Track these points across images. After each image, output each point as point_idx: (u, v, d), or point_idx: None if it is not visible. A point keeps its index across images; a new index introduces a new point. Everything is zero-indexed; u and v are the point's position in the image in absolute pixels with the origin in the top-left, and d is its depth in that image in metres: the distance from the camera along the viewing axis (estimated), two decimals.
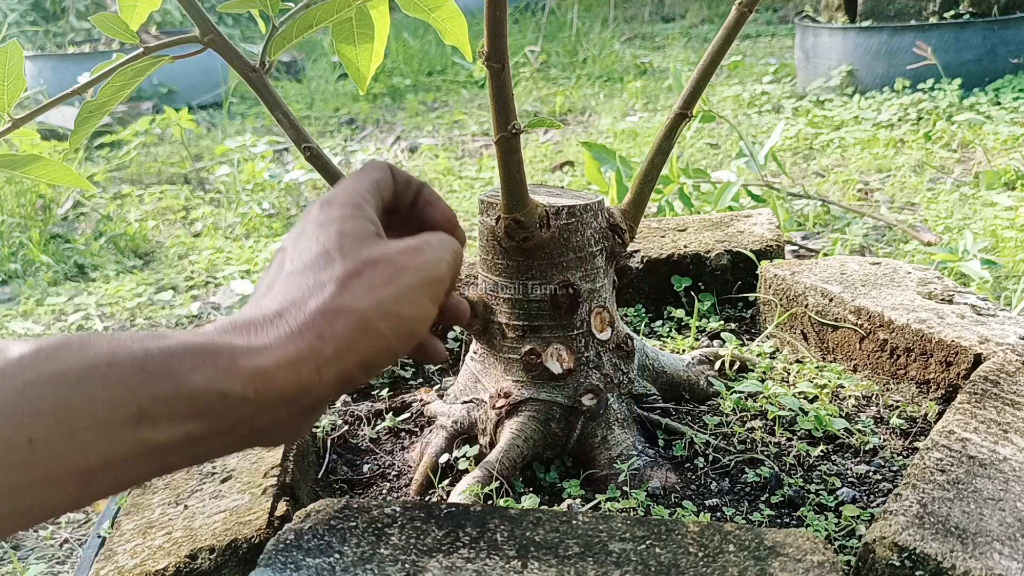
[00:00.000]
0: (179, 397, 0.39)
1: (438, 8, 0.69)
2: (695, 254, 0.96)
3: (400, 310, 0.47)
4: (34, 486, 0.36)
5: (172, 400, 0.39)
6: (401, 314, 0.47)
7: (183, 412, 0.39)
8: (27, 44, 4.31)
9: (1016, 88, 2.65)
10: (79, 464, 0.37)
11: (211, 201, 2.48)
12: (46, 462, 0.36)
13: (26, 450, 0.36)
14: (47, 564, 1.04)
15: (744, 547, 0.47)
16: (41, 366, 0.37)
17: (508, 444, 0.65)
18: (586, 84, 3.72)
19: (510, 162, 0.60)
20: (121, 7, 0.62)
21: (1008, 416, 0.60)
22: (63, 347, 0.38)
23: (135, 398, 0.38)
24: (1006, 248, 1.56)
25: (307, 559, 0.47)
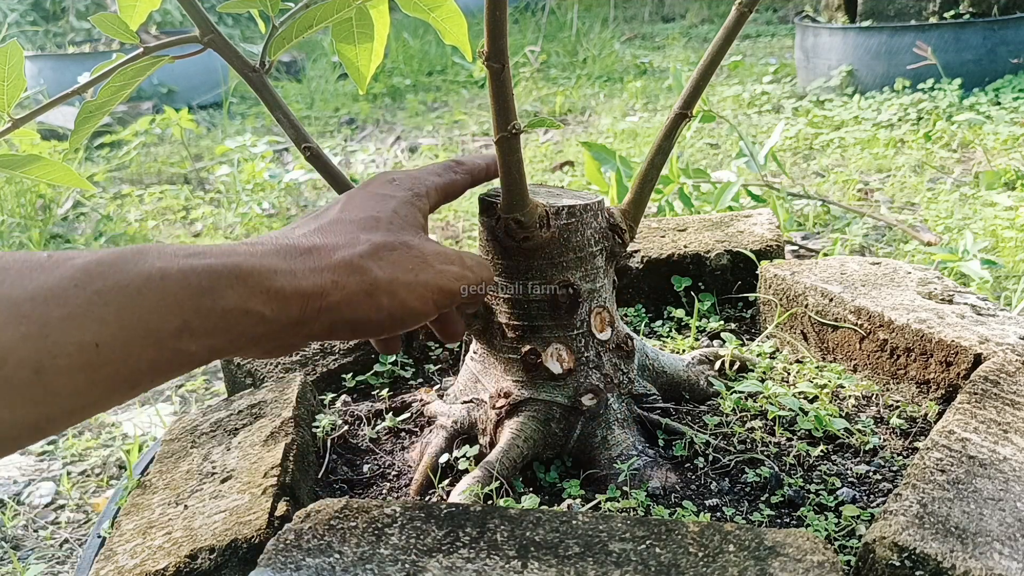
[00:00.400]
0: (214, 312, 0.43)
1: (438, 8, 0.69)
2: (695, 254, 0.96)
3: (406, 298, 0.51)
4: (94, 387, 0.40)
5: (208, 314, 0.43)
6: (405, 301, 0.51)
7: (214, 326, 0.43)
8: (27, 44, 4.31)
9: (1016, 88, 2.65)
10: (132, 369, 0.41)
11: (211, 201, 2.48)
12: (107, 366, 0.40)
13: (93, 354, 0.39)
14: (47, 564, 1.04)
15: (744, 547, 0.47)
16: (107, 277, 0.41)
17: (508, 444, 0.65)
18: (586, 84, 3.72)
19: (510, 162, 0.60)
20: (121, 7, 0.62)
21: (1008, 416, 0.60)
22: (122, 259, 0.42)
23: (182, 311, 0.42)
24: (1006, 248, 1.56)
25: (307, 559, 0.47)
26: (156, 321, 0.41)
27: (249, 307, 0.44)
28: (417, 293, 0.52)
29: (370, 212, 0.54)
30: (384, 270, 0.50)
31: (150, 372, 0.42)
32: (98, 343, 0.39)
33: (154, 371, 0.42)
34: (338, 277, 0.48)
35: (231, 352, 0.46)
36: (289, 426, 0.69)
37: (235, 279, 0.44)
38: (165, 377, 0.43)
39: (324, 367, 0.86)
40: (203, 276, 0.43)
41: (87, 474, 1.25)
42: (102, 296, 0.40)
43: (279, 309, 0.46)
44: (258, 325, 0.45)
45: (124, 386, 0.41)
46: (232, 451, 0.68)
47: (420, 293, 0.52)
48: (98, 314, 0.40)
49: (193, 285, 0.43)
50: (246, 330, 0.45)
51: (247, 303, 0.44)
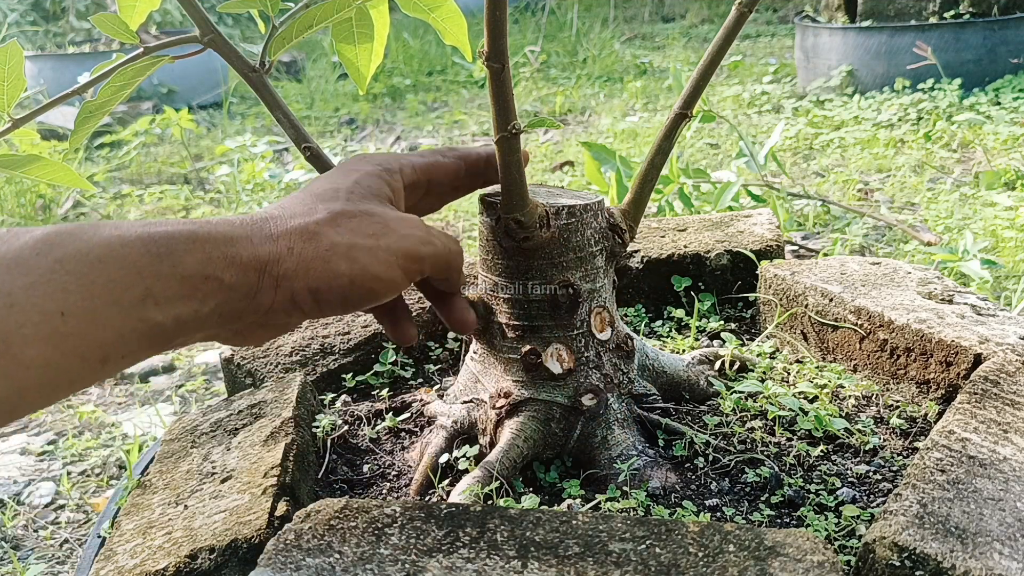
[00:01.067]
0: (174, 277, 0.43)
1: (438, 8, 0.69)
2: (695, 254, 0.96)
3: (368, 263, 0.50)
4: (63, 359, 0.40)
5: (169, 280, 0.43)
6: (367, 267, 0.50)
7: (176, 293, 0.43)
8: (27, 44, 4.31)
9: (1016, 88, 2.65)
10: (100, 339, 0.41)
11: (211, 201, 2.48)
12: (74, 336, 0.40)
13: (59, 323, 0.39)
14: (47, 564, 1.04)
15: (744, 547, 0.47)
16: (66, 245, 0.41)
17: (508, 444, 0.65)
18: (586, 84, 3.72)
19: (510, 162, 0.60)
20: (121, 7, 0.62)
21: (1008, 416, 0.60)
22: (79, 229, 0.42)
23: (143, 279, 0.42)
24: (1006, 248, 1.56)
25: (307, 559, 0.47)
26: (119, 288, 0.41)
27: (208, 272, 0.44)
28: (379, 258, 0.51)
29: (332, 185, 0.53)
30: (342, 236, 0.50)
31: (118, 343, 0.42)
32: (63, 311, 0.39)
33: (122, 342, 0.42)
34: (293, 243, 0.48)
35: (199, 328, 0.46)
36: (289, 426, 0.69)
37: (192, 243, 0.44)
38: (135, 353, 0.43)
39: (324, 367, 0.86)
40: (161, 242, 0.43)
41: (87, 474, 1.25)
42: (63, 264, 0.40)
43: (237, 276, 0.46)
44: (219, 292, 0.45)
45: (94, 359, 0.41)
46: (232, 451, 0.68)
47: (382, 258, 0.51)
48: (61, 282, 0.39)
49: (152, 251, 0.43)
50: (208, 298, 0.44)
51: (205, 268, 0.44)
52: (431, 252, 0.54)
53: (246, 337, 0.52)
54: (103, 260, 0.41)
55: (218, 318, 0.46)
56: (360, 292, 0.50)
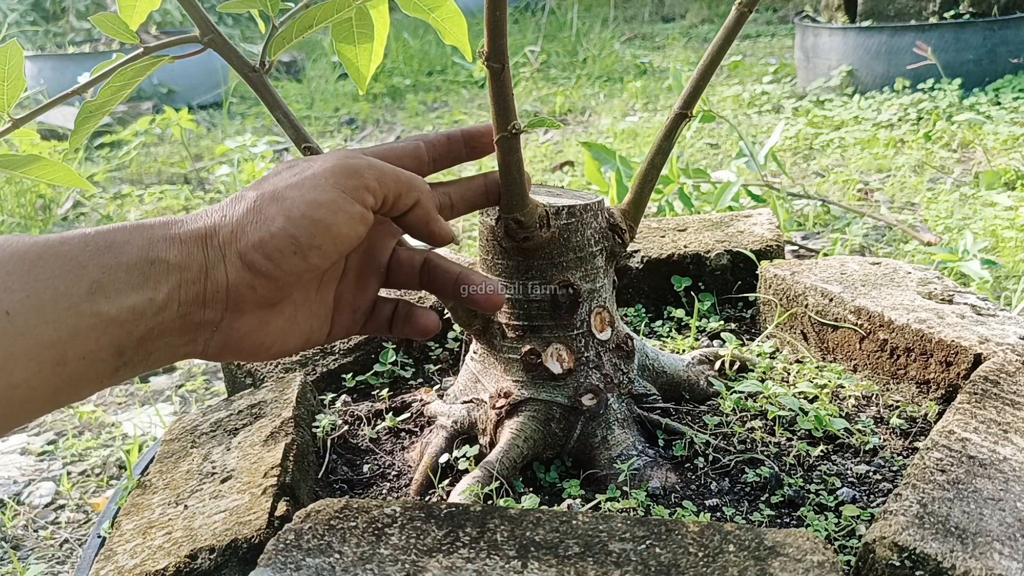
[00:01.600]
0: (119, 267, 0.42)
1: (438, 8, 0.69)
2: (695, 254, 0.96)
3: (296, 195, 0.47)
4: (16, 361, 0.39)
5: (114, 270, 0.42)
6: (295, 198, 0.47)
7: (124, 282, 0.42)
8: (27, 44, 4.31)
9: (1016, 88, 2.65)
10: (51, 337, 0.40)
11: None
12: (24, 335, 0.39)
13: (6, 322, 0.39)
14: (47, 564, 1.04)
15: (744, 547, 0.47)
16: (4, 248, 0.40)
17: (508, 444, 0.65)
18: (586, 84, 3.72)
19: (510, 162, 0.60)
20: (121, 7, 0.62)
21: (1008, 416, 0.60)
22: (17, 236, 0.42)
23: (87, 272, 0.41)
24: (1006, 248, 1.56)
25: (307, 559, 0.47)
26: (64, 284, 0.40)
27: (152, 256, 0.43)
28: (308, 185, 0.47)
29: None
30: (267, 187, 0.48)
31: (73, 341, 0.40)
32: (8, 311, 0.39)
33: (78, 340, 0.40)
34: (225, 211, 0.47)
35: (163, 323, 0.44)
36: (289, 426, 0.69)
37: (133, 231, 0.44)
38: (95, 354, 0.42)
39: (324, 367, 0.86)
40: (100, 236, 0.43)
41: (87, 474, 1.25)
42: (3, 265, 0.40)
43: (181, 254, 0.44)
44: (169, 275, 0.43)
45: (49, 359, 0.40)
46: (232, 451, 0.68)
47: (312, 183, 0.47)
48: (2, 282, 0.39)
49: (91, 245, 0.42)
50: (159, 283, 0.43)
51: (149, 252, 0.43)
52: (369, 165, 0.50)
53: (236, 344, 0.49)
54: (43, 257, 0.41)
55: (179, 307, 0.44)
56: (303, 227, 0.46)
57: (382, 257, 0.58)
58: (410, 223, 0.53)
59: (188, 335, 0.46)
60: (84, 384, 0.42)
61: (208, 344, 0.48)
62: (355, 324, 0.57)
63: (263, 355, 0.51)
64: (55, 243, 0.41)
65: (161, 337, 0.44)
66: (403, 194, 0.51)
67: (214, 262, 0.45)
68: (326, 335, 0.55)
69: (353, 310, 0.57)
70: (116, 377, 0.44)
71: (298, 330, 0.52)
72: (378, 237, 0.57)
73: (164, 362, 0.47)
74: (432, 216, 0.54)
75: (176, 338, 0.46)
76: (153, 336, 0.44)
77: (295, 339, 0.52)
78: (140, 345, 0.43)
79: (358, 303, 0.57)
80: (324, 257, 0.48)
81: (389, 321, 0.59)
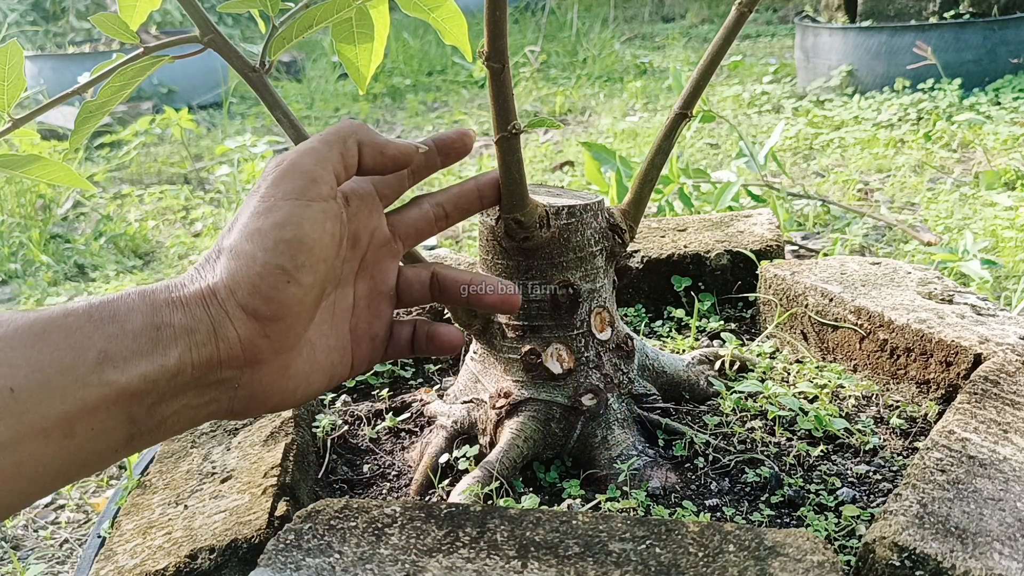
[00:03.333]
0: (125, 335, 0.41)
1: (438, 8, 0.69)
2: (695, 254, 0.96)
3: (260, 223, 0.45)
4: (23, 439, 0.38)
5: (120, 338, 0.41)
6: (261, 228, 0.45)
7: (132, 350, 0.41)
8: (27, 44, 4.31)
9: (1016, 88, 2.65)
10: (58, 411, 0.39)
11: (211, 201, 2.48)
12: (30, 411, 0.38)
13: (10, 400, 0.37)
14: (47, 564, 1.04)
15: (744, 547, 0.47)
16: (5, 324, 0.39)
17: (508, 444, 0.65)
18: (586, 84, 3.72)
19: (510, 162, 0.60)
20: (121, 7, 0.62)
21: (1008, 416, 0.60)
22: (18, 312, 0.40)
23: (93, 343, 0.40)
24: (1006, 248, 1.56)
25: (307, 559, 0.47)
26: (70, 356, 0.39)
27: (158, 321, 0.42)
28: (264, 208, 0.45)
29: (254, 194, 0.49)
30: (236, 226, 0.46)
31: (84, 414, 0.39)
32: (12, 388, 0.37)
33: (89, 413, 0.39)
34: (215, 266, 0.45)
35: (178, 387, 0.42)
36: (289, 426, 0.69)
37: (136, 299, 0.42)
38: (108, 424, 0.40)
39: None
40: (103, 306, 0.42)
41: None
42: (5, 341, 0.38)
43: (187, 316, 0.43)
44: (177, 339, 0.42)
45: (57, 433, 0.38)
46: (232, 451, 0.68)
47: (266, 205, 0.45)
48: (4, 358, 0.38)
49: (95, 316, 0.41)
50: (168, 348, 0.42)
51: (154, 318, 0.42)
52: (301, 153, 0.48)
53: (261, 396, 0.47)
54: (47, 331, 0.39)
55: (192, 369, 0.43)
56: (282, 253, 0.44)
57: (388, 280, 0.56)
58: (368, 168, 0.52)
59: (207, 395, 0.45)
60: (96, 457, 0.41)
61: (233, 402, 0.46)
62: (376, 352, 0.56)
63: (290, 401, 0.49)
64: (59, 316, 0.40)
65: (176, 400, 0.43)
66: (344, 153, 0.49)
67: (220, 320, 0.44)
68: (349, 368, 0.53)
69: (371, 338, 0.55)
70: (131, 447, 0.42)
71: (320, 369, 0.51)
72: (379, 261, 0.55)
73: (186, 426, 0.45)
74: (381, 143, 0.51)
75: (194, 399, 0.44)
76: (166, 399, 0.43)
77: (319, 378, 0.51)
78: (153, 412, 0.42)
79: (375, 330, 0.55)
80: (314, 272, 0.46)
81: (410, 343, 0.57)
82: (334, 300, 0.52)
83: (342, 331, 0.53)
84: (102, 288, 1.88)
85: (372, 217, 0.54)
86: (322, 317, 0.51)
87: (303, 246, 0.45)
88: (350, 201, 0.52)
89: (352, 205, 0.52)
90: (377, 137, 0.51)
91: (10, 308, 1.81)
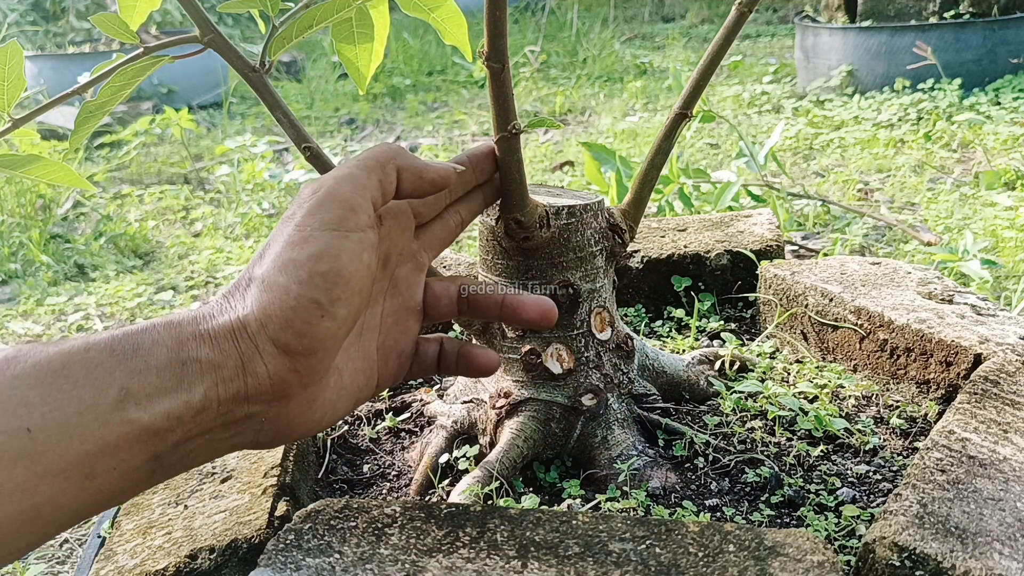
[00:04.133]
0: (149, 371, 0.39)
1: (438, 8, 0.69)
2: (695, 254, 0.96)
3: (295, 255, 0.43)
4: (40, 480, 0.36)
5: (144, 374, 0.39)
6: (296, 259, 0.43)
7: (156, 387, 0.39)
8: (27, 44, 4.31)
9: (1016, 88, 2.65)
10: (77, 451, 0.37)
11: (211, 201, 2.48)
12: (47, 452, 0.36)
13: (27, 441, 0.36)
14: (47, 564, 1.04)
15: (744, 547, 0.47)
16: (23, 361, 0.37)
17: (508, 444, 0.65)
18: (586, 84, 3.72)
19: (510, 162, 0.60)
20: (121, 7, 0.62)
21: (1008, 416, 0.60)
22: (37, 345, 0.39)
23: (115, 379, 0.38)
24: (1006, 248, 1.56)
25: (307, 559, 0.47)
26: (90, 394, 0.37)
27: (183, 356, 0.40)
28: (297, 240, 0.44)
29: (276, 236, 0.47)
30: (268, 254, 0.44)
31: (104, 454, 0.38)
32: (29, 428, 0.36)
33: (109, 452, 0.38)
34: (246, 298, 0.43)
35: (203, 423, 0.41)
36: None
37: (162, 331, 0.41)
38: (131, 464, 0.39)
39: None
40: (126, 339, 0.40)
41: None
42: (21, 379, 0.37)
43: (216, 351, 0.41)
44: (203, 375, 0.40)
45: (77, 475, 0.37)
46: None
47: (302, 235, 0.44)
48: (21, 397, 0.36)
49: (118, 350, 0.39)
50: (193, 385, 0.40)
51: (180, 353, 0.40)
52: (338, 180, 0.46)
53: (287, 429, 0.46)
54: (67, 367, 0.37)
55: (218, 406, 0.41)
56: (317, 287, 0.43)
57: (416, 296, 0.54)
58: (407, 192, 0.50)
59: (232, 430, 0.43)
60: (117, 494, 0.40)
61: (259, 435, 0.45)
62: (401, 370, 0.54)
63: (316, 429, 0.48)
64: (79, 350, 0.38)
65: (200, 436, 0.42)
66: (383, 180, 0.48)
67: (249, 355, 0.42)
68: (374, 388, 0.52)
69: (398, 355, 0.53)
70: (152, 481, 0.41)
71: (347, 395, 0.49)
72: (407, 276, 0.54)
73: (210, 458, 0.44)
74: (421, 167, 0.50)
75: (219, 434, 0.43)
76: (191, 437, 0.41)
77: (345, 404, 0.49)
78: (177, 448, 0.41)
79: (401, 347, 0.53)
80: (349, 305, 0.44)
81: (436, 361, 0.56)
82: (362, 321, 0.50)
83: (369, 351, 0.51)
84: (102, 288, 1.88)
85: (404, 235, 0.53)
86: (349, 341, 0.49)
87: (340, 279, 0.44)
88: (383, 220, 0.51)
89: (385, 224, 0.51)
90: (416, 161, 0.50)
91: (10, 308, 1.81)
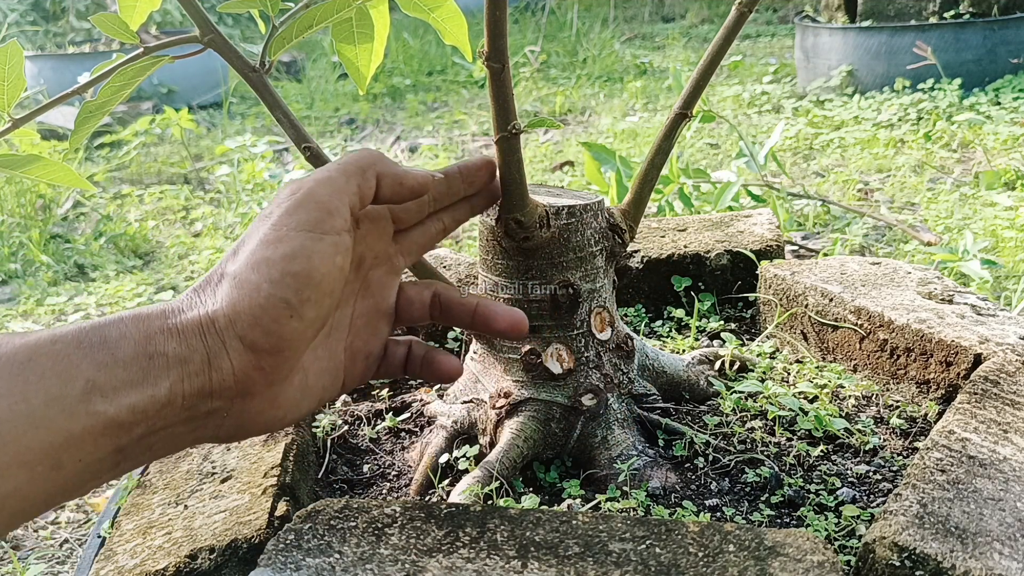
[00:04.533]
0: (116, 364, 0.39)
1: (438, 8, 0.69)
2: (695, 254, 0.96)
3: (268, 253, 0.44)
4: (6, 470, 0.36)
5: (110, 367, 0.39)
6: (269, 258, 0.43)
7: (122, 380, 0.39)
8: (27, 44, 4.31)
9: (1016, 88, 2.65)
10: (43, 442, 0.37)
11: (211, 201, 2.48)
12: (14, 442, 0.37)
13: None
14: (47, 564, 1.04)
15: (744, 547, 0.47)
16: None
17: (508, 444, 0.65)
18: (586, 84, 3.72)
19: (510, 162, 0.60)
20: (121, 7, 0.62)
21: (1008, 416, 0.60)
22: (3, 337, 0.39)
23: (81, 371, 0.39)
24: (1006, 248, 1.56)
25: (307, 559, 0.47)
26: (56, 386, 0.38)
27: (150, 350, 0.40)
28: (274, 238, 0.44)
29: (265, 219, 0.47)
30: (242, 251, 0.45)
31: (70, 445, 0.38)
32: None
33: (75, 444, 0.38)
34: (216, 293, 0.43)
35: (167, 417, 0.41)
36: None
37: (129, 324, 0.41)
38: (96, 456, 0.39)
39: None
40: (93, 332, 0.40)
41: None
42: None
43: (183, 346, 0.41)
44: (169, 370, 0.41)
45: (43, 465, 0.37)
46: (232, 451, 0.68)
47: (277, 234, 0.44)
48: None
49: (85, 342, 0.39)
50: (159, 379, 0.40)
51: (147, 346, 0.40)
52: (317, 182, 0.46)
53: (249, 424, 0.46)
54: (33, 359, 0.38)
55: (183, 400, 0.41)
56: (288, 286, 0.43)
57: (388, 299, 0.54)
58: (386, 198, 0.50)
59: (194, 424, 0.44)
60: (81, 484, 0.40)
61: (220, 430, 0.45)
62: (368, 371, 0.54)
63: (277, 427, 0.48)
64: (46, 342, 0.39)
65: (164, 430, 0.42)
66: (361, 185, 0.48)
67: (215, 351, 0.42)
68: (340, 388, 0.52)
69: (365, 356, 0.54)
70: (117, 472, 0.42)
71: (311, 395, 0.49)
72: (380, 279, 0.54)
73: (173, 450, 0.44)
74: (400, 173, 0.50)
75: (181, 428, 0.43)
76: (155, 431, 0.42)
77: (308, 402, 0.49)
78: (141, 441, 0.41)
79: (369, 348, 0.54)
80: (318, 307, 0.45)
81: (403, 363, 0.56)
82: (331, 322, 0.50)
83: (336, 351, 0.51)
84: (102, 288, 1.88)
85: (381, 239, 0.53)
86: (317, 341, 0.49)
87: (311, 280, 0.44)
88: (360, 224, 0.51)
89: (362, 228, 0.51)
90: (396, 168, 0.50)
91: (10, 308, 1.81)
